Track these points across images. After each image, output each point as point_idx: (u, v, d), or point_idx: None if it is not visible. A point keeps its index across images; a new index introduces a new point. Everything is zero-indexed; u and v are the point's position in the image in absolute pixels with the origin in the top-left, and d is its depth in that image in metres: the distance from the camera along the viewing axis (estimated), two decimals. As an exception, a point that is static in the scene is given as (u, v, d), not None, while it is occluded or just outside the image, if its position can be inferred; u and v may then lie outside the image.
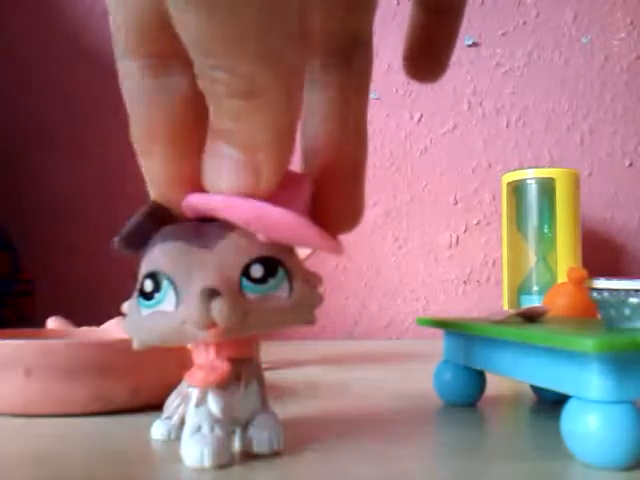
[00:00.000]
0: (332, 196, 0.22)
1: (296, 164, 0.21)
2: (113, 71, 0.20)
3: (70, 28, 0.85)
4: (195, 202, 0.20)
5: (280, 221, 0.19)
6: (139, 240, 0.21)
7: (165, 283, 0.20)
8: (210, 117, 0.18)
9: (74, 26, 0.85)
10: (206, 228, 0.20)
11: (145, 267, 0.20)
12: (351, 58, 0.22)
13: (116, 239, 0.20)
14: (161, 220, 0.21)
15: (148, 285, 0.20)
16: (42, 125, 0.85)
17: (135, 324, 0.21)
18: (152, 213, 0.20)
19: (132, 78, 0.19)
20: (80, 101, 0.85)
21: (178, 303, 0.19)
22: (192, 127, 0.19)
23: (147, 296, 0.20)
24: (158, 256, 0.20)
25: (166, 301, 0.20)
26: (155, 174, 0.20)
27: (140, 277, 0.20)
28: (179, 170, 0.20)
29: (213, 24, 0.15)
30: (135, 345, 0.21)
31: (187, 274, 0.19)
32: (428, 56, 0.25)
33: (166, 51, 0.19)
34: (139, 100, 0.19)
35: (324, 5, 0.21)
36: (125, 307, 0.21)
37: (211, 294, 0.19)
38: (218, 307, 0.19)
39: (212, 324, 0.19)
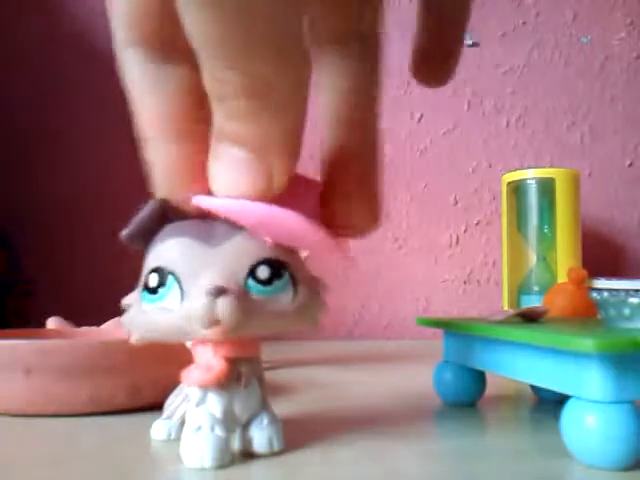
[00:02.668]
0: (341, 198, 0.22)
1: (301, 168, 0.21)
2: (114, 71, 0.20)
3: (72, 28, 0.85)
4: (203, 205, 0.20)
5: (289, 225, 0.19)
6: (146, 234, 0.21)
7: (170, 279, 0.20)
8: (215, 120, 0.18)
9: (76, 26, 0.85)
10: (214, 226, 0.20)
11: (151, 262, 0.20)
12: (358, 56, 0.22)
13: (123, 232, 0.20)
14: (169, 215, 0.21)
15: (153, 280, 0.20)
16: (42, 125, 0.85)
17: (136, 318, 0.21)
18: (161, 208, 0.20)
19: (134, 65, 0.19)
20: (80, 101, 0.85)
21: (182, 299, 0.19)
22: (194, 117, 0.20)
23: (151, 291, 0.20)
24: (164, 251, 0.20)
25: (170, 297, 0.20)
26: (159, 165, 0.20)
27: (145, 271, 0.20)
28: (184, 160, 0.20)
29: (222, 24, 0.15)
30: (133, 340, 0.21)
31: (193, 271, 0.19)
32: (433, 61, 0.25)
33: (168, 42, 0.19)
34: (141, 86, 0.19)
35: (328, 5, 0.21)
36: (126, 301, 0.21)
37: (217, 292, 0.19)
38: (223, 305, 0.19)
39: (216, 322, 0.19)
